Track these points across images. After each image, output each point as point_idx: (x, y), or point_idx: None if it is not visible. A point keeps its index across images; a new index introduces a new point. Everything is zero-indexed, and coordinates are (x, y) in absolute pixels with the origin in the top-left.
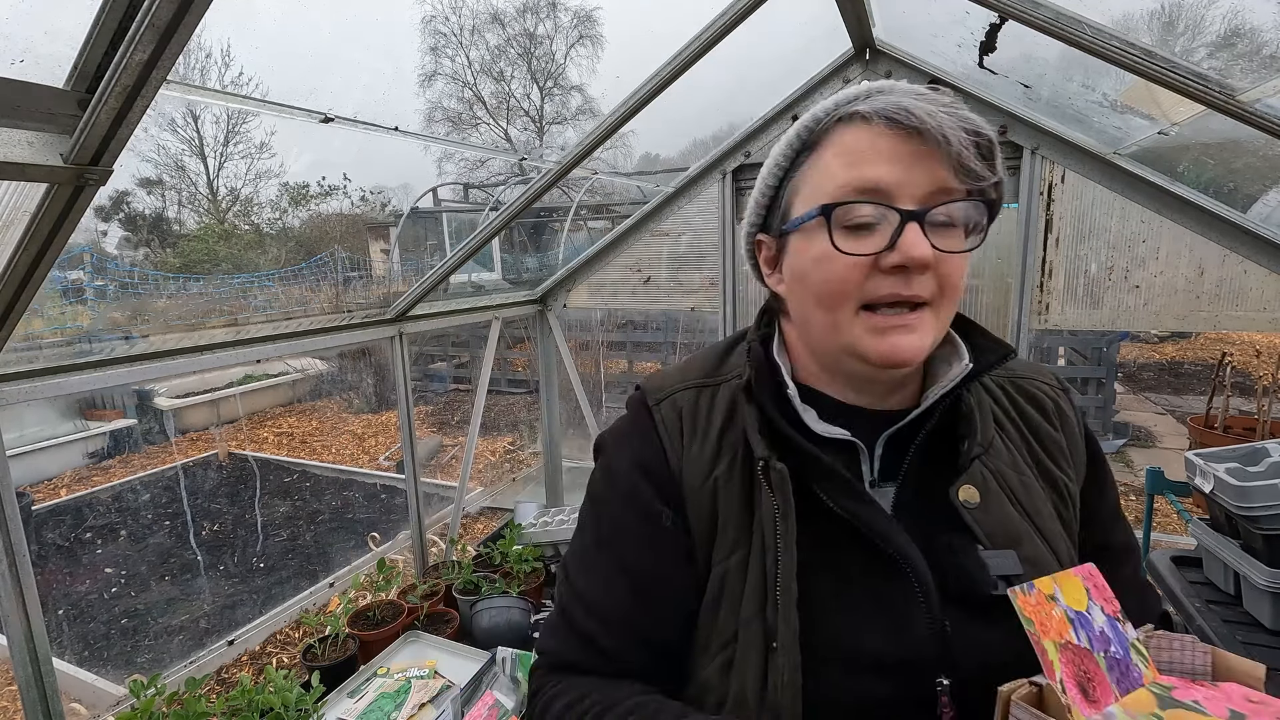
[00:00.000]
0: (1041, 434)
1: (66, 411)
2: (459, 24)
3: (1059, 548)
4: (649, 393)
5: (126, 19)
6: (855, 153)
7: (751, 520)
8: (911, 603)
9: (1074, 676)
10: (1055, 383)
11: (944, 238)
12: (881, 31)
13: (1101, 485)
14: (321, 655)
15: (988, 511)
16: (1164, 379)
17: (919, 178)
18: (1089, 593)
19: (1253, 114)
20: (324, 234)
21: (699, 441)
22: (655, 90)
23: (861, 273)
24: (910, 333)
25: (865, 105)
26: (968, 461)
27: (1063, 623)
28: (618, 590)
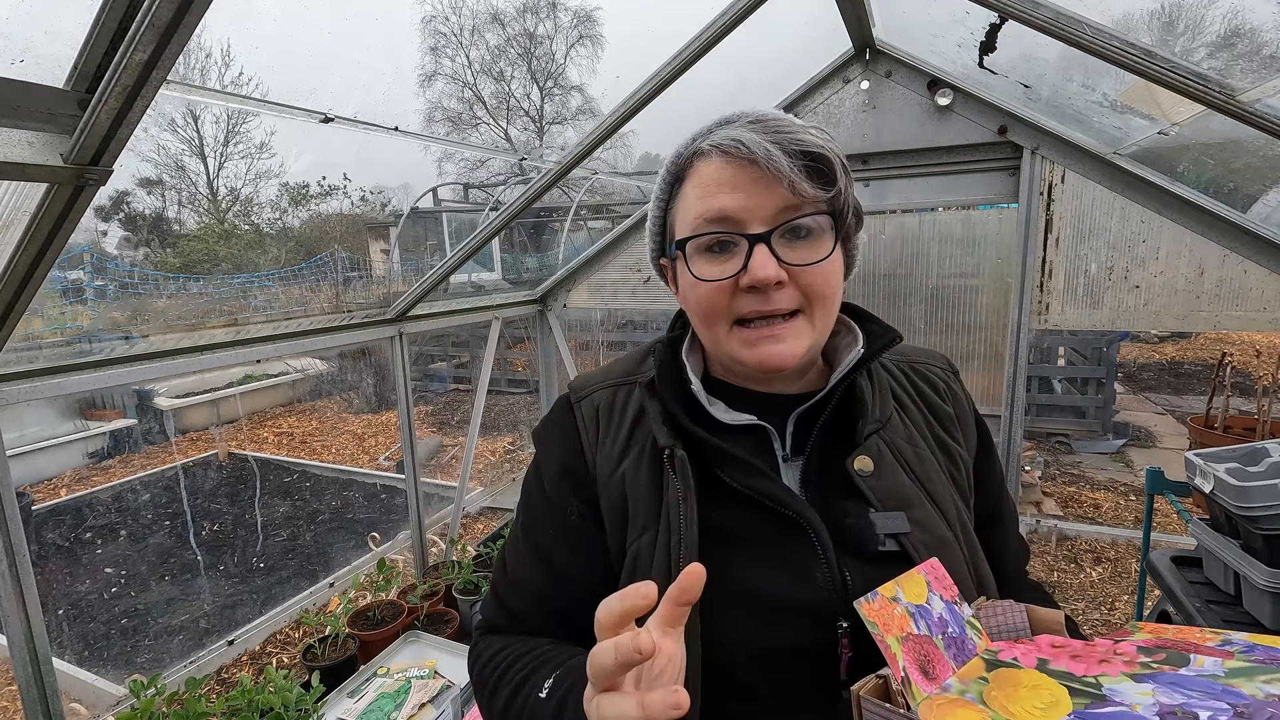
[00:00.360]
0: (936, 409)
1: (66, 411)
2: (459, 24)
3: (948, 511)
4: (574, 391)
5: (126, 19)
6: (706, 185)
7: (660, 504)
8: (812, 557)
9: (915, 662)
10: (946, 365)
11: (798, 250)
12: (881, 31)
13: (989, 458)
14: (321, 655)
15: (881, 479)
16: (1164, 379)
17: (761, 201)
18: (929, 585)
19: (1253, 114)
20: (324, 234)
21: (612, 436)
22: (655, 90)
23: (726, 294)
24: (779, 341)
25: (707, 141)
26: (863, 436)
27: (904, 618)
28: (537, 572)
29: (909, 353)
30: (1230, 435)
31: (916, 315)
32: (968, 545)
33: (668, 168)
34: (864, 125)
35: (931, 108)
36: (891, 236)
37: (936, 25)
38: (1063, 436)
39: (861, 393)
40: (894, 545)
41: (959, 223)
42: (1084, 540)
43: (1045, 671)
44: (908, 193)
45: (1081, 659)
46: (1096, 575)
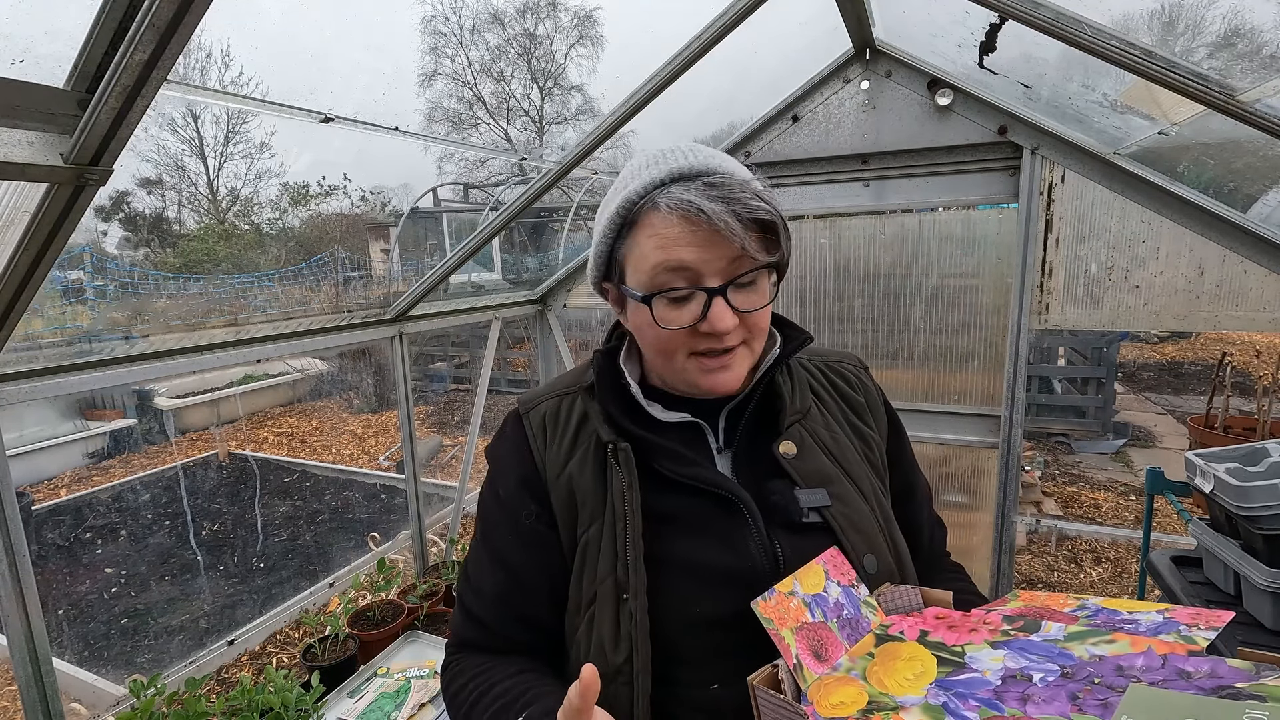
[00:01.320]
0: (849, 399)
1: (66, 411)
2: (459, 24)
3: (863, 485)
4: (522, 405)
5: (126, 19)
6: (663, 237)
7: (605, 496)
8: (745, 531)
9: (809, 648)
10: (857, 363)
11: (747, 295)
12: (881, 31)
13: (900, 440)
14: (321, 655)
15: (803, 460)
16: (1164, 379)
17: (716, 255)
18: (826, 573)
19: (1253, 114)
20: (324, 234)
21: (558, 441)
22: (655, 90)
23: (685, 335)
24: (729, 370)
25: (664, 200)
26: (784, 425)
27: (800, 609)
28: (498, 577)
29: (824, 353)
30: (1230, 435)
31: (916, 315)
32: (883, 517)
33: (619, 209)
34: (864, 125)
35: (931, 108)
36: (891, 236)
37: (936, 25)
38: (1063, 436)
39: (780, 388)
40: (816, 518)
41: (959, 223)
42: (1084, 540)
43: (923, 643)
44: (907, 193)
45: (957, 628)
46: (1096, 575)
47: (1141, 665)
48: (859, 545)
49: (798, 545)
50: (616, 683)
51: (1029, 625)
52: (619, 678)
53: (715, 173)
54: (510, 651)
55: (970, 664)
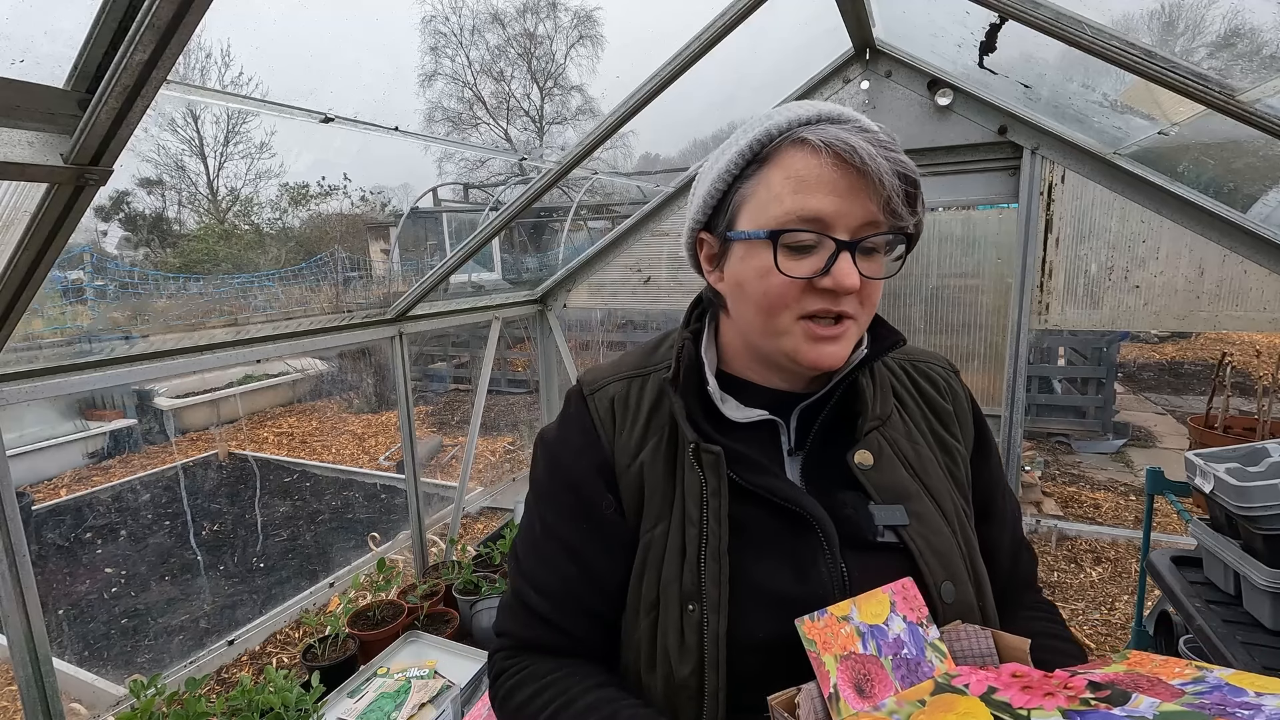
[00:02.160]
0: (935, 406)
1: (66, 411)
2: (459, 24)
3: (945, 504)
4: (585, 385)
5: (126, 19)
6: (802, 180)
7: (674, 496)
8: (816, 552)
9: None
10: (947, 365)
11: (868, 263)
12: (881, 31)
13: (986, 454)
14: (321, 655)
15: (880, 472)
16: (1164, 379)
17: (854, 210)
18: (893, 605)
19: (1253, 114)
20: (324, 234)
21: (629, 428)
22: (655, 90)
23: (799, 289)
24: (836, 342)
25: (816, 135)
26: (862, 432)
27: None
28: (564, 570)
29: (912, 353)
30: (1230, 435)
31: (916, 315)
32: (964, 540)
33: (750, 144)
34: None
35: (931, 108)
36: None
37: (936, 25)
38: (1063, 436)
39: (863, 390)
40: (892, 537)
41: (959, 223)
42: (1084, 540)
43: (986, 700)
44: None
45: (1032, 689)
46: (1096, 575)
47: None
48: (937, 572)
49: (868, 566)
50: (682, 696)
51: (1115, 696)
52: (684, 690)
53: (871, 127)
54: (573, 652)
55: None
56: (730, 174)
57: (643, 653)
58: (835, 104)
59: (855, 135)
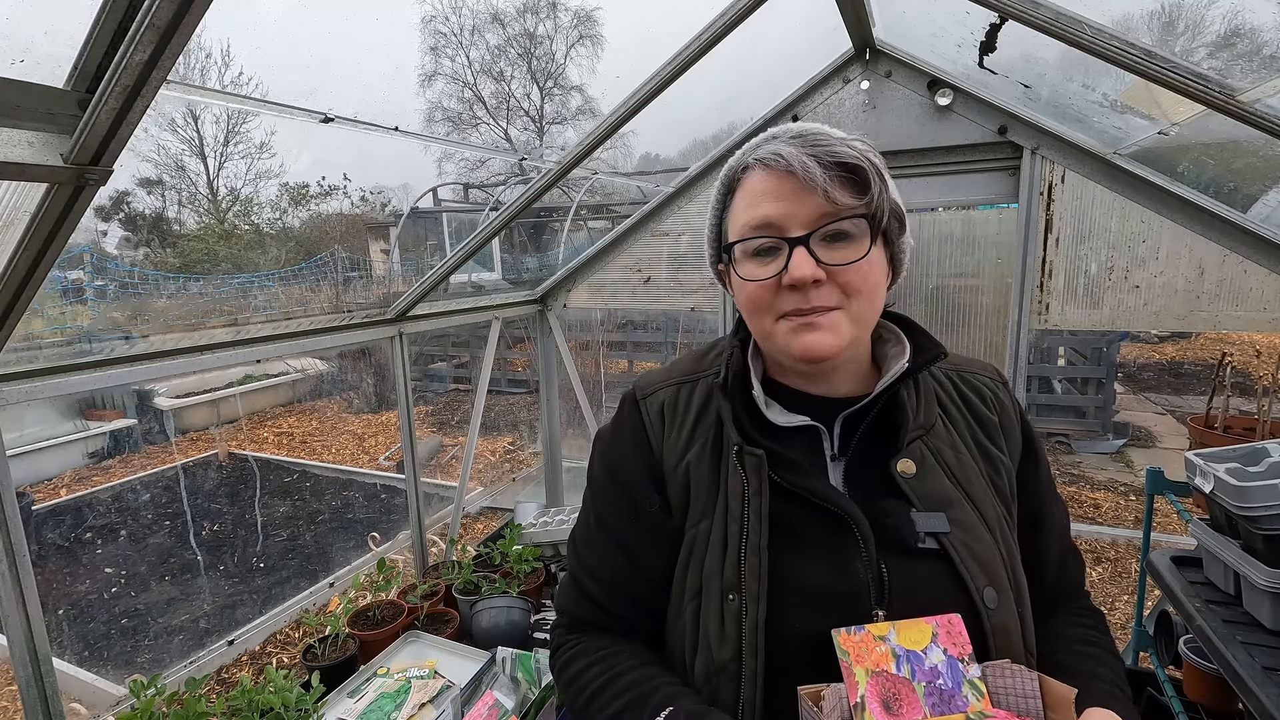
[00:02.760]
0: (980, 416)
1: (66, 411)
2: (459, 24)
3: (987, 512)
4: (639, 390)
5: (126, 19)
6: (752, 195)
7: (718, 494)
8: (854, 550)
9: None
10: (996, 376)
11: (838, 252)
12: (881, 31)
13: (1034, 463)
14: (321, 655)
15: (923, 481)
16: (1164, 379)
17: (801, 208)
18: (934, 636)
19: (1253, 114)
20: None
21: (676, 430)
22: (655, 90)
23: (771, 291)
24: (818, 330)
25: (752, 156)
26: (904, 441)
27: (885, 656)
28: (617, 561)
29: (959, 362)
30: (1230, 435)
31: (916, 315)
32: (1006, 549)
33: (721, 180)
34: (864, 125)
35: (931, 108)
36: None
37: (936, 25)
38: (1063, 436)
39: (904, 401)
40: (933, 544)
41: (959, 223)
42: (1084, 540)
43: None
44: (908, 193)
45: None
46: (1097, 575)
47: None
48: (978, 577)
49: (909, 571)
50: (722, 678)
51: None
52: (724, 673)
53: (810, 131)
54: (623, 633)
55: None
56: (716, 210)
57: (686, 637)
58: (802, 123)
59: (785, 144)
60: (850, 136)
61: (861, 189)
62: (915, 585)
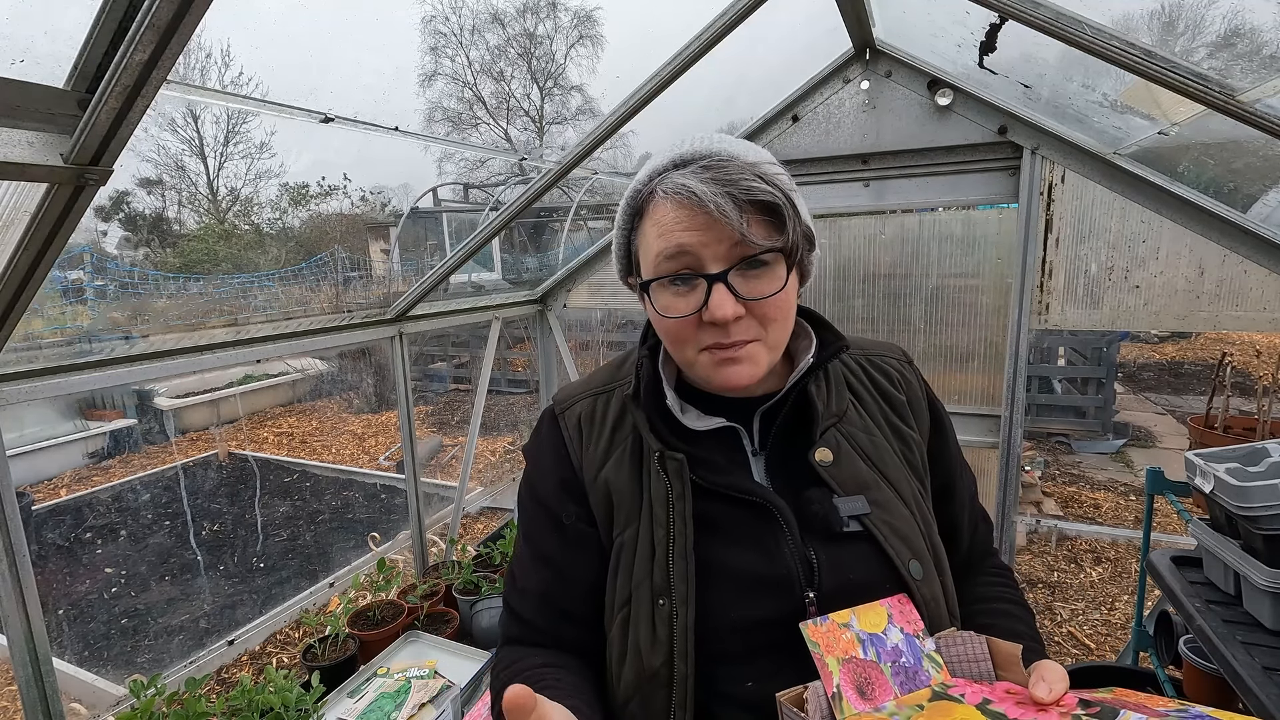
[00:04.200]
0: (889, 397)
1: (66, 411)
2: (459, 24)
3: (903, 489)
4: (557, 404)
5: (126, 19)
6: (662, 225)
7: (641, 501)
8: (780, 536)
9: (852, 682)
10: (901, 356)
11: (754, 282)
12: (881, 31)
13: (943, 437)
14: (321, 655)
15: (840, 467)
16: (1164, 379)
17: (715, 241)
18: (890, 617)
19: (1253, 114)
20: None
21: (595, 441)
22: (655, 90)
23: (691, 325)
24: (739, 364)
25: (663, 186)
26: (818, 431)
27: (851, 643)
28: (543, 575)
29: (866, 346)
30: (1230, 435)
31: (916, 315)
32: (923, 521)
33: (628, 200)
34: (864, 125)
35: (931, 108)
36: (891, 236)
37: (936, 25)
38: (1063, 436)
39: (813, 395)
40: (857, 526)
41: (959, 223)
42: (1084, 540)
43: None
44: (908, 193)
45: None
46: (1096, 575)
47: None
48: (902, 552)
49: (836, 553)
50: (653, 684)
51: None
52: (655, 680)
53: (717, 155)
54: (556, 648)
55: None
56: (624, 229)
57: (615, 647)
58: (703, 140)
59: (695, 179)
60: (760, 160)
61: (778, 226)
62: (843, 566)
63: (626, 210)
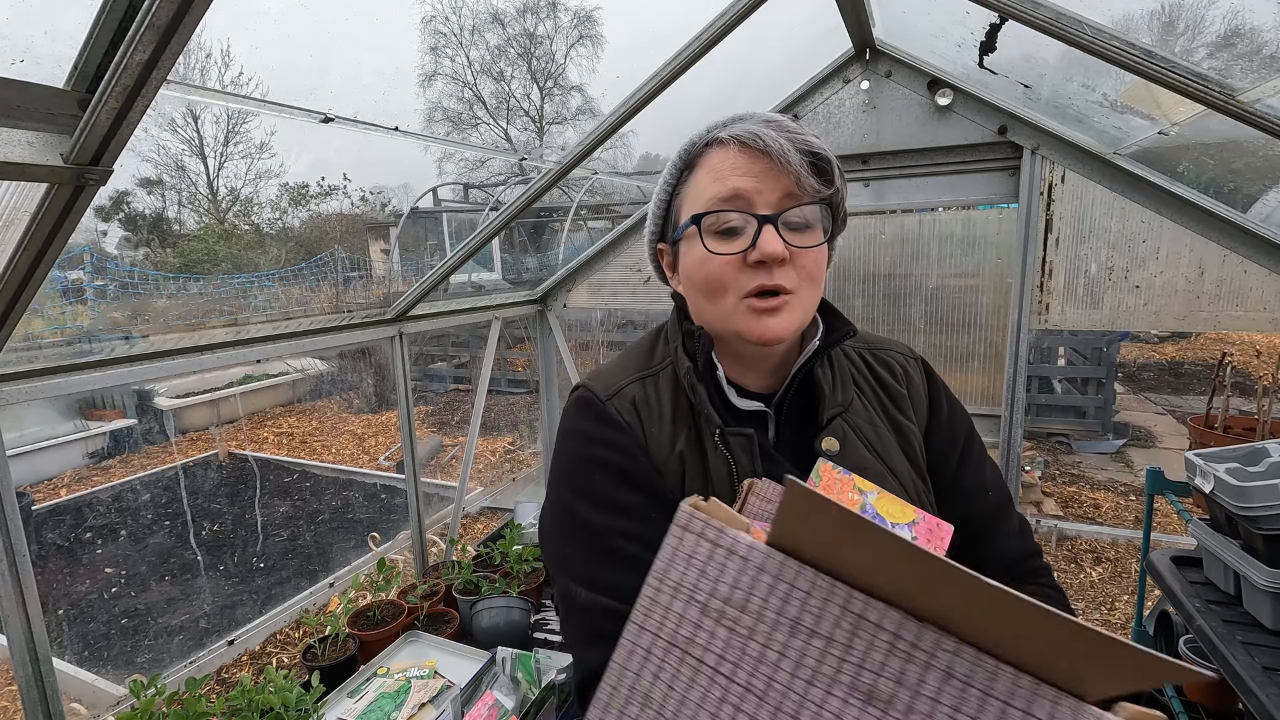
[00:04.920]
0: (890, 391)
1: (66, 411)
2: (459, 24)
3: (906, 482)
4: (600, 391)
5: (126, 19)
6: (720, 169)
7: (706, 480)
8: None
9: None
10: (908, 352)
11: (799, 236)
12: (881, 31)
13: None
14: (321, 655)
15: (846, 456)
16: (1164, 379)
17: (770, 187)
18: (913, 524)
19: (1253, 114)
20: (324, 234)
21: (657, 424)
22: (655, 90)
23: (734, 269)
24: (777, 314)
25: (725, 132)
26: (824, 420)
27: (853, 504)
28: (643, 562)
29: (872, 341)
30: (1230, 435)
31: (916, 315)
32: None
33: (680, 155)
34: (864, 125)
35: (931, 108)
36: (891, 236)
37: (936, 25)
38: (1063, 436)
39: (818, 380)
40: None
41: (959, 223)
42: (1084, 540)
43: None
44: (908, 193)
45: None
46: (1096, 575)
47: None
48: None
49: None
50: None
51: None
52: None
53: (777, 119)
54: None
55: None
56: (669, 185)
57: None
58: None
59: (759, 125)
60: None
61: (827, 180)
62: None
63: (676, 165)
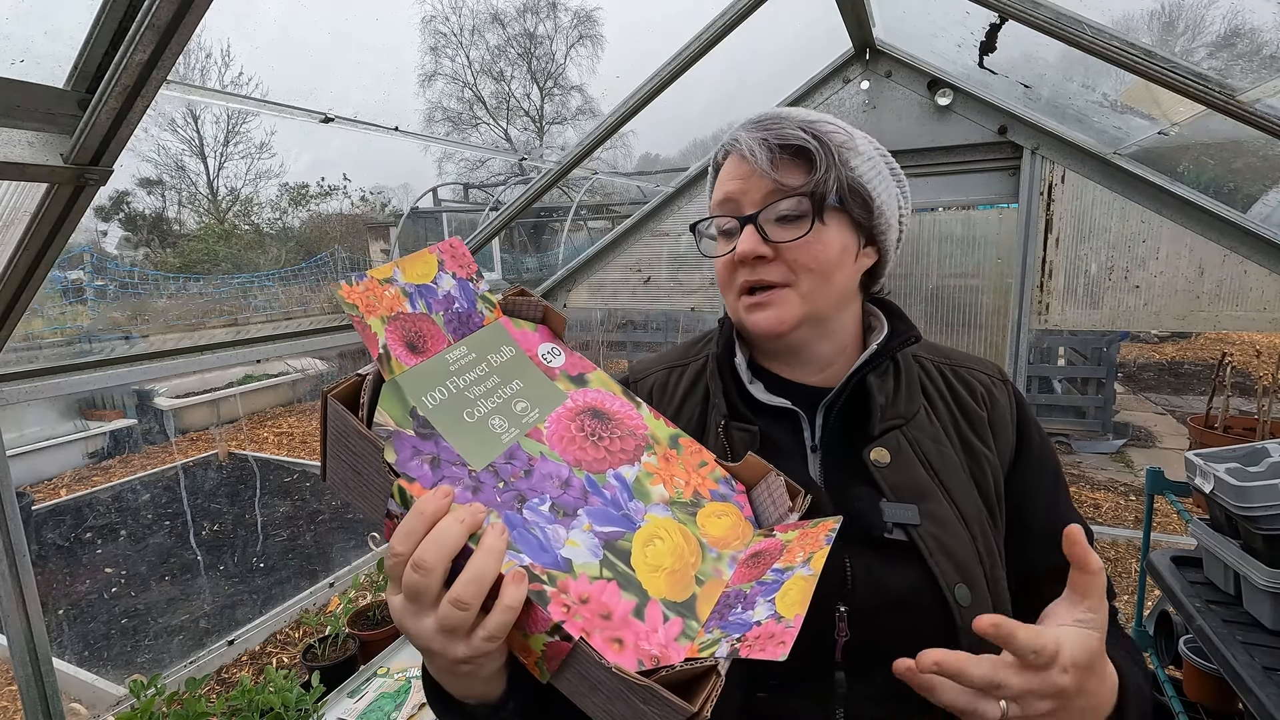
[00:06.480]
0: (967, 411)
1: (66, 411)
2: (459, 24)
3: (966, 509)
4: (633, 373)
5: (126, 19)
6: (720, 178)
7: None
8: None
9: (401, 340)
10: (995, 373)
11: (788, 230)
12: (881, 32)
13: (1027, 466)
14: (321, 655)
15: (897, 471)
16: (1164, 379)
17: (755, 187)
18: (441, 264)
19: (1253, 114)
20: (324, 234)
21: (666, 407)
22: (655, 90)
23: (729, 268)
24: (765, 309)
25: (723, 141)
26: (876, 428)
27: (397, 298)
28: None
29: (955, 357)
30: (1230, 435)
31: (916, 315)
32: (985, 548)
33: (708, 166)
34: (864, 125)
35: (931, 108)
36: None
37: (936, 25)
38: (1063, 436)
39: (871, 387)
40: (901, 535)
41: (959, 223)
42: None
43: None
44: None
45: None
46: None
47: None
48: (949, 574)
49: (872, 564)
50: None
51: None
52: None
53: (770, 115)
54: None
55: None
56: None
57: None
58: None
59: (743, 130)
60: (819, 119)
61: (805, 170)
62: (880, 576)
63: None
